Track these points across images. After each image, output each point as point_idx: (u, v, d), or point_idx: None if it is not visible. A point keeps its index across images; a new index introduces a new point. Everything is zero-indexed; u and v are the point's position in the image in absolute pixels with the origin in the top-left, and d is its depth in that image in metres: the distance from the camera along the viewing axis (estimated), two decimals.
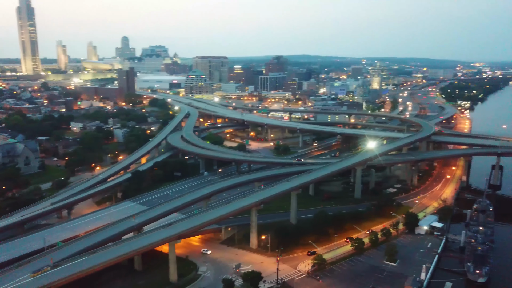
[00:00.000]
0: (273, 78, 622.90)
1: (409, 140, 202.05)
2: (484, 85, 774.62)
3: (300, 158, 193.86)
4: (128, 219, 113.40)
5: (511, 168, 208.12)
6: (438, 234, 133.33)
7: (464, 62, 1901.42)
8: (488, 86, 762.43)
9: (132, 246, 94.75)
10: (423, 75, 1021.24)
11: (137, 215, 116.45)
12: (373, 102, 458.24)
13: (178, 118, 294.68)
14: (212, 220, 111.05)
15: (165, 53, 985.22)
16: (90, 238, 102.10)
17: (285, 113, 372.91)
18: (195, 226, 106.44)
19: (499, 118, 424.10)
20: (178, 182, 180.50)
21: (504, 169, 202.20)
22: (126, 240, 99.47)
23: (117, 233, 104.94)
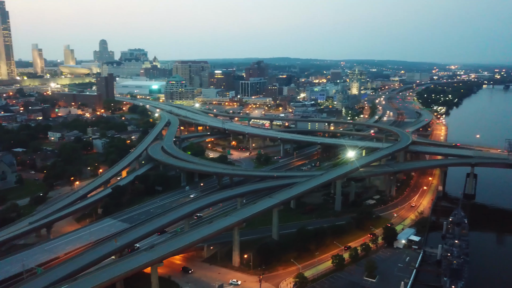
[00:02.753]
0: (254, 84, 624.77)
1: (388, 151, 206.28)
2: (459, 89, 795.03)
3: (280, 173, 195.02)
4: (110, 242, 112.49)
5: (484, 176, 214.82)
6: (415, 247, 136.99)
7: (439, 65, 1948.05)
8: (463, 90, 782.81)
9: (113, 272, 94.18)
10: (401, 78, 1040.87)
11: (118, 236, 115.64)
12: (352, 108, 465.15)
13: (158, 127, 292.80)
14: (194, 242, 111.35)
15: (144, 56, 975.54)
16: (71, 264, 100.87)
17: (266, 120, 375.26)
18: (177, 249, 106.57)
19: (473, 123, 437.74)
20: (159, 197, 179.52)
21: (478, 177, 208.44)
22: (108, 266, 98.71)
23: (98, 257, 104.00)
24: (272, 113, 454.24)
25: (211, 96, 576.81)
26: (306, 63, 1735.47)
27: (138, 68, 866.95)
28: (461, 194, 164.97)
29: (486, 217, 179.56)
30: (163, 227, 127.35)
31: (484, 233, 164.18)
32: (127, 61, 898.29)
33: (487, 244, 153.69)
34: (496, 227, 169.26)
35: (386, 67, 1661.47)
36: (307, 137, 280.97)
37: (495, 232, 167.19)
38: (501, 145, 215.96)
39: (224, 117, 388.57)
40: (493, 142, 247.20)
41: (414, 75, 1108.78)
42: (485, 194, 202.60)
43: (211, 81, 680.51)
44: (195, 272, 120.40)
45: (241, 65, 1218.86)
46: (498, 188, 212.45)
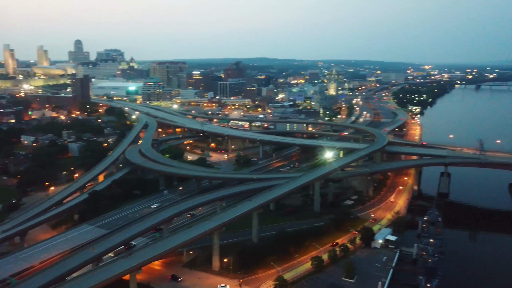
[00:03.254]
0: (233, 84, 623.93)
1: (365, 152, 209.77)
2: (433, 89, 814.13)
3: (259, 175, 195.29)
4: (87, 249, 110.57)
5: (457, 175, 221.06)
6: (392, 247, 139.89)
7: (414, 65, 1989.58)
8: (437, 90, 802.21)
9: (90, 282, 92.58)
10: (377, 78, 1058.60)
11: (95, 244, 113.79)
12: (330, 108, 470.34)
13: (136, 130, 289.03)
14: (173, 248, 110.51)
15: (121, 57, 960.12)
16: (46, 273, 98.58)
17: (245, 121, 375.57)
18: (156, 255, 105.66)
19: (446, 123, 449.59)
20: (138, 202, 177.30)
21: (452, 176, 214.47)
22: (85, 274, 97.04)
23: (75, 266, 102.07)
24: (251, 114, 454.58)
25: (190, 97, 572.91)
26: (284, 63, 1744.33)
27: (114, 69, 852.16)
28: (435, 193, 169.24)
29: (459, 215, 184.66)
30: (141, 234, 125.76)
31: (457, 230, 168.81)
32: (103, 62, 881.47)
33: (461, 242, 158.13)
34: (468, 225, 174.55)
35: (362, 67, 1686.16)
36: (286, 138, 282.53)
37: (468, 229, 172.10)
38: (473, 144, 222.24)
39: (202, 118, 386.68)
40: (465, 141, 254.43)
41: (390, 75, 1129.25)
42: (458, 192, 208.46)
43: (189, 82, 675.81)
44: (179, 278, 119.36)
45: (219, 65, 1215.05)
46: (471, 186, 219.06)
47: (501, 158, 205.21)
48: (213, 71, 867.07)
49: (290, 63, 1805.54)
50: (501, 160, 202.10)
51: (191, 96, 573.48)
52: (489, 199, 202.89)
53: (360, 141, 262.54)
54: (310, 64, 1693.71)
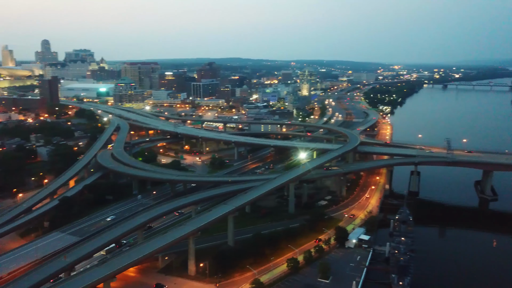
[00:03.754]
0: (206, 85, 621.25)
1: (338, 153, 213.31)
2: (402, 88, 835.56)
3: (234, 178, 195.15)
4: (58, 258, 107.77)
5: (426, 173, 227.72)
6: (366, 246, 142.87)
7: (384, 65, 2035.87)
8: (406, 90, 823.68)
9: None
10: (348, 79, 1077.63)
11: (67, 252, 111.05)
12: (303, 109, 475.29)
13: (108, 133, 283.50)
14: (149, 254, 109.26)
15: (91, 57, 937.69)
16: (16, 285, 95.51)
17: (220, 123, 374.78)
18: (131, 263, 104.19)
19: (415, 122, 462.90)
20: (110, 207, 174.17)
21: (421, 174, 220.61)
22: (57, 285, 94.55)
23: (46, 276, 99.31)
24: (225, 115, 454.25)
25: (162, 98, 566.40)
26: (258, 63, 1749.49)
27: (84, 70, 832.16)
28: (406, 192, 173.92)
29: (429, 212, 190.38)
30: (115, 240, 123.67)
31: (428, 227, 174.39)
32: (72, 63, 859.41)
33: (431, 239, 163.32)
34: (438, 222, 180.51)
35: (334, 67, 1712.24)
36: (261, 139, 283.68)
37: (437, 226, 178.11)
38: (441, 143, 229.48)
39: (176, 120, 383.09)
40: (434, 140, 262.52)
41: (361, 75, 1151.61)
42: (428, 190, 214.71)
43: (162, 82, 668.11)
44: (151, 284, 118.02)
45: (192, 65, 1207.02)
46: (439, 184, 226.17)
47: (467, 157, 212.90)
48: (186, 71, 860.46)
49: (263, 63, 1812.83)
50: (467, 159, 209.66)
51: (164, 97, 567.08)
52: (456, 196, 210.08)
53: (333, 142, 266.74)
54: (283, 64, 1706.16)
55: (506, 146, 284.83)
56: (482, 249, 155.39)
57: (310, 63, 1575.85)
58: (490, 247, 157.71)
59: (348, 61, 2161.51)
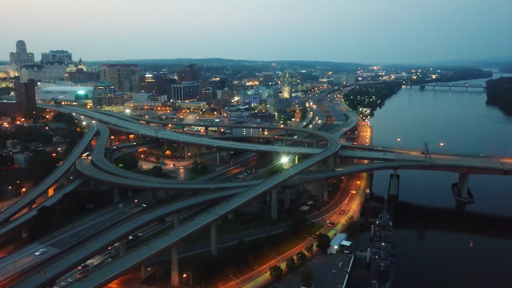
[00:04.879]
0: (187, 87, 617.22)
1: (319, 158, 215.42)
2: (382, 90, 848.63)
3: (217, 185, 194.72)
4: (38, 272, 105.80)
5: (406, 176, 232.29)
6: (347, 252, 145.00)
7: (363, 65, 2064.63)
8: (385, 91, 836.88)
9: None
10: (329, 80, 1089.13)
11: (48, 267, 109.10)
12: (284, 112, 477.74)
13: (87, 138, 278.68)
14: (131, 267, 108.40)
15: (68, 59, 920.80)
16: None
17: (201, 126, 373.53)
18: (113, 276, 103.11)
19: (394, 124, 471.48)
20: (91, 216, 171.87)
21: (400, 178, 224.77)
22: None
23: None
24: (207, 118, 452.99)
25: (142, 101, 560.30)
26: (238, 64, 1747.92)
27: (62, 72, 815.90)
28: (386, 197, 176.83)
29: (409, 215, 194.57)
30: (97, 252, 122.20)
31: (408, 230, 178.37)
32: (50, 64, 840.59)
33: (410, 242, 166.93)
34: (417, 225, 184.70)
35: (314, 68, 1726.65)
36: (243, 144, 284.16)
37: (417, 229, 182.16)
38: (419, 147, 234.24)
39: (157, 124, 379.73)
40: (412, 144, 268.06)
41: (341, 76, 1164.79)
42: (407, 193, 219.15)
43: (142, 85, 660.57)
44: None
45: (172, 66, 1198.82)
46: (418, 187, 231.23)
47: (444, 160, 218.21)
48: (166, 73, 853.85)
49: (244, 64, 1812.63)
50: (444, 163, 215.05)
51: (144, 100, 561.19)
52: (434, 199, 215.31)
53: (314, 146, 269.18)
54: (264, 65, 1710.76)
55: (481, 148, 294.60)
56: (459, 250, 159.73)
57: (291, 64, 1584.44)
58: (467, 248, 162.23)
59: (328, 62, 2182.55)
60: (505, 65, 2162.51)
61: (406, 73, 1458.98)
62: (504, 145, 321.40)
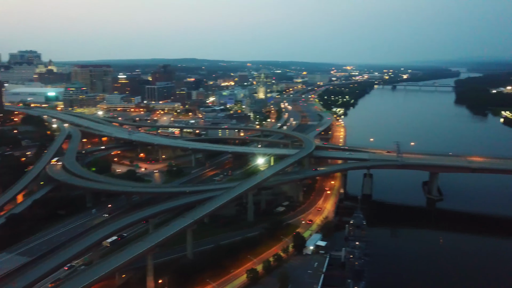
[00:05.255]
0: (161, 88, 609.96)
1: (295, 158, 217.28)
2: (355, 90, 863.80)
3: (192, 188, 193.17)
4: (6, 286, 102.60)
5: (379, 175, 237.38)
6: (323, 252, 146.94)
7: (337, 65, 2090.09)
8: (358, 91, 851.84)
9: None
10: (303, 80, 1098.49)
11: (17, 277, 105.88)
12: (260, 112, 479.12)
13: (58, 141, 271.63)
14: (105, 275, 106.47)
15: (37, 59, 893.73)
16: None
17: (176, 128, 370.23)
18: (86, 285, 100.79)
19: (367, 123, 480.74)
20: (63, 222, 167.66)
21: (374, 177, 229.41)
22: None
23: None
24: (182, 119, 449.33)
25: (116, 102, 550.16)
26: (213, 64, 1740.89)
27: (31, 73, 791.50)
28: (360, 197, 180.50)
29: (382, 214, 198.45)
30: (70, 261, 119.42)
31: (381, 229, 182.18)
32: (18, 65, 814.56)
33: (384, 240, 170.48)
34: (390, 223, 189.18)
35: (289, 68, 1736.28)
36: (218, 146, 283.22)
37: (390, 227, 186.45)
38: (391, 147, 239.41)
39: (130, 126, 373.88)
40: (385, 143, 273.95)
41: (315, 76, 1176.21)
42: (380, 192, 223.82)
43: (115, 86, 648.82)
44: None
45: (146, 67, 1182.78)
46: (391, 186, 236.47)
47: (415, 160, 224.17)
48: (140, 73, 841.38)
49: (219, 64, 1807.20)
50: (415, 162, 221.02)
51: (117, 101, 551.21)
52: (406, 197, 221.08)
53: (290, 147, 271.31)
54: (239, 65, 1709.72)
55: (451, 147, 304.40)
56: (430, 247, 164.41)
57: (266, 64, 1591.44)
58: (437, 244, 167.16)
59: (302, 62, 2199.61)
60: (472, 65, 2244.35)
61: (378, 73, 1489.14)
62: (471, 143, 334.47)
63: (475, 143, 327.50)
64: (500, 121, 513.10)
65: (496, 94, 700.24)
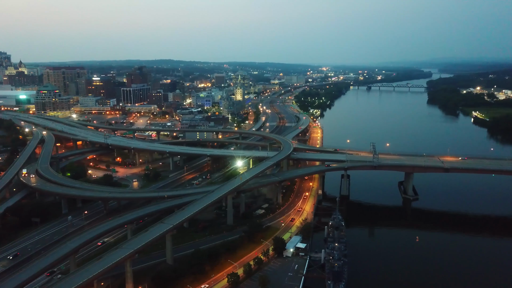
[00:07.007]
0: (137, 90, 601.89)
1: (273, 161, 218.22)
2: (331, 91, 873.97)
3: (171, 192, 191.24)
4: None
5: (355, 176, 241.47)
6: (302, 254, 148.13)
7: (313, 66, 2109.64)
8: (334, 92, 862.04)
9: None
10: (280, 81, 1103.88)
11: None
12: (237, 114, 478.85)
13: (31, 146, 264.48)
14: (82, 284, 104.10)
15: (7, 60, 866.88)
16: None
17: (153, 131, 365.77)
18: None
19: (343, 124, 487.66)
20: (37, 230, 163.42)
21: (351, 177, 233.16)
22: None
23: None
24: (158, 121, 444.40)
25: (90, 105, 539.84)
26: (190, 65, 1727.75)
27: (0, 75, 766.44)
28: (337, 199, 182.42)
29: (359, 214, 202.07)
30: (45, 270, 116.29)
31: (359, 229, 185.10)
32: None
33: (362, 240, 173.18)
34: (367, 223, 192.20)
35: (266, 69, 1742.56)
36: (196, 148, 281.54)
37: (367, 227, 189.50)
38: (367, 148, 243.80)
39: (106, 129, 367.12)
40: (360, 144, 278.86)
41: (292, 78, 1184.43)
42: (357, 193, 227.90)
43: (89, 88, 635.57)
44: None
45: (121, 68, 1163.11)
46: (367, 186, 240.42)
47: (390, 160, 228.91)
48: (114, 75, 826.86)
49: (196, 65, 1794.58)
50: (390, 163, 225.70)
51: (92, 104, 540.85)
52: (383, 197, 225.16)
53: (268, 149, 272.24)
54: (216, 67, 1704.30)
55: (425, 147, 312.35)
56: (406, 245, 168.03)
57: (243, 65, 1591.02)
58: (413, 243, 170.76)
59: (279, 63, 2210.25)
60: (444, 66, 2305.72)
61: (353, 74, 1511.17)
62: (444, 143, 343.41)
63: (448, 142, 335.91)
64: (470, 121, 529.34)
65: (466, 95, 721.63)
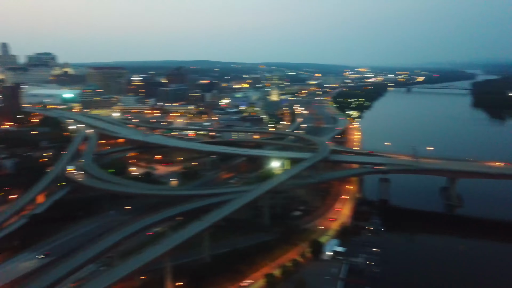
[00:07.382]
0: (175, 90, 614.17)
1: (310, 162, 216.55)
2: (369, 92, 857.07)
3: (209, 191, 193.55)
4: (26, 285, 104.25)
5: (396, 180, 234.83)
6: (340, 258, 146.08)
7: (350, 67, 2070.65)
8: (372, 93, 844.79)
9: None
10: (317, 82, 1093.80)
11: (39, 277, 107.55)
12: (273, 115, 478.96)
13: (75, 143, 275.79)
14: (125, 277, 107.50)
15: (53, 61, 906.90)
16: None
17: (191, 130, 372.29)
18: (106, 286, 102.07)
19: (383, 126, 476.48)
20: (83, 223, 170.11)
21: (391, 181, 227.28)
22: None
23: None
24: (196, 121, 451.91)
25: (130, 104, 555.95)
26: (226, 66, 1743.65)
27: (47, 74, 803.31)
28: (377, 202, 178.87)
29: (399, 219, 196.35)
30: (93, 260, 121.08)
31: (399, 235, 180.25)
32: (35, 67, 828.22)
33: (401, 246, 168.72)
34: (408, 229, 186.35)
35: (302, 70, 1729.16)
36: (233, 148, 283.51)
37: (408, 233, 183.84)
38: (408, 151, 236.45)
39: (145, 128, 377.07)
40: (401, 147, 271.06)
41: (329, 79, 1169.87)
42: (397, 197, 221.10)
43: (130, 88, 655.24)
44: None
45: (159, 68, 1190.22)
46: (408, 191, 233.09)
47: (432, 165, 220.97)
48: (154, 75, 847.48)
49: (232, 66, 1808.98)
50: (432, 167, 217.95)
51: (132, 103, 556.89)
52: (424, 202, 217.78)
53: (304, 150, 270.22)
54: (252, 67, 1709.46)
55: (469, 151, 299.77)
56: (450, 253, 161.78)
57: (278, 66, 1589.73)
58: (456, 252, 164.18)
59: (315, 64, 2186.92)
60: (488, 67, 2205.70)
61: (392, 75, 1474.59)
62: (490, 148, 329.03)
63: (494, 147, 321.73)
64: None
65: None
